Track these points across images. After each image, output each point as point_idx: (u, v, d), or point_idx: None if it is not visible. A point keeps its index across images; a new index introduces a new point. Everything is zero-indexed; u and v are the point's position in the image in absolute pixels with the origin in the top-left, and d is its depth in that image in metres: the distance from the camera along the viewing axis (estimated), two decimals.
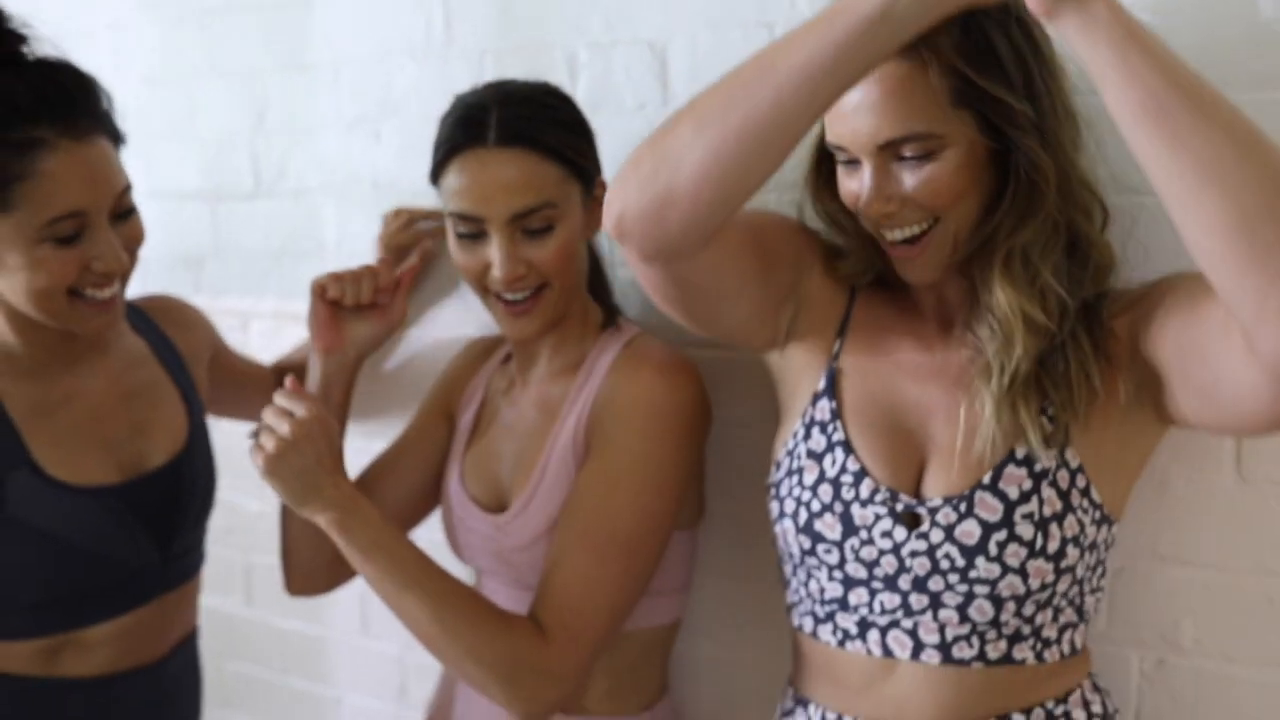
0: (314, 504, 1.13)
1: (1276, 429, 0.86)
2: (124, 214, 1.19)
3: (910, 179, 0.96)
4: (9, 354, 1.22)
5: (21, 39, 1.17)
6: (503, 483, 1.27)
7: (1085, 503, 0.98)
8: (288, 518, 1.35)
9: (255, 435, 1.14)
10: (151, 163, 1.84)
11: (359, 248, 1.65)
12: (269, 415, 1.13)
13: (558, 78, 1.38)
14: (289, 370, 1.52)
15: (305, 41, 1.65)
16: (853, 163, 0.99)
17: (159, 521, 1.28)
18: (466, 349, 1.44)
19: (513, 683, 1.09)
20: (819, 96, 0.87)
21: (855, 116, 0.95)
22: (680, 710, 1.39)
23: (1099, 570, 1.03)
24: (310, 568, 1.36)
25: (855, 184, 0.99)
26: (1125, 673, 1.17)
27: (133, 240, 1.21)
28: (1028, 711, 1.02)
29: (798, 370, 1.11)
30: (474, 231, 1.18)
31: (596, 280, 1.31)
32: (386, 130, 1.60)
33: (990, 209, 0.97)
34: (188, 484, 1.31)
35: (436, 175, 1.22)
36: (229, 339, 1.62)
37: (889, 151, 0.95)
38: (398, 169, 1.59)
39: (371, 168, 1.62)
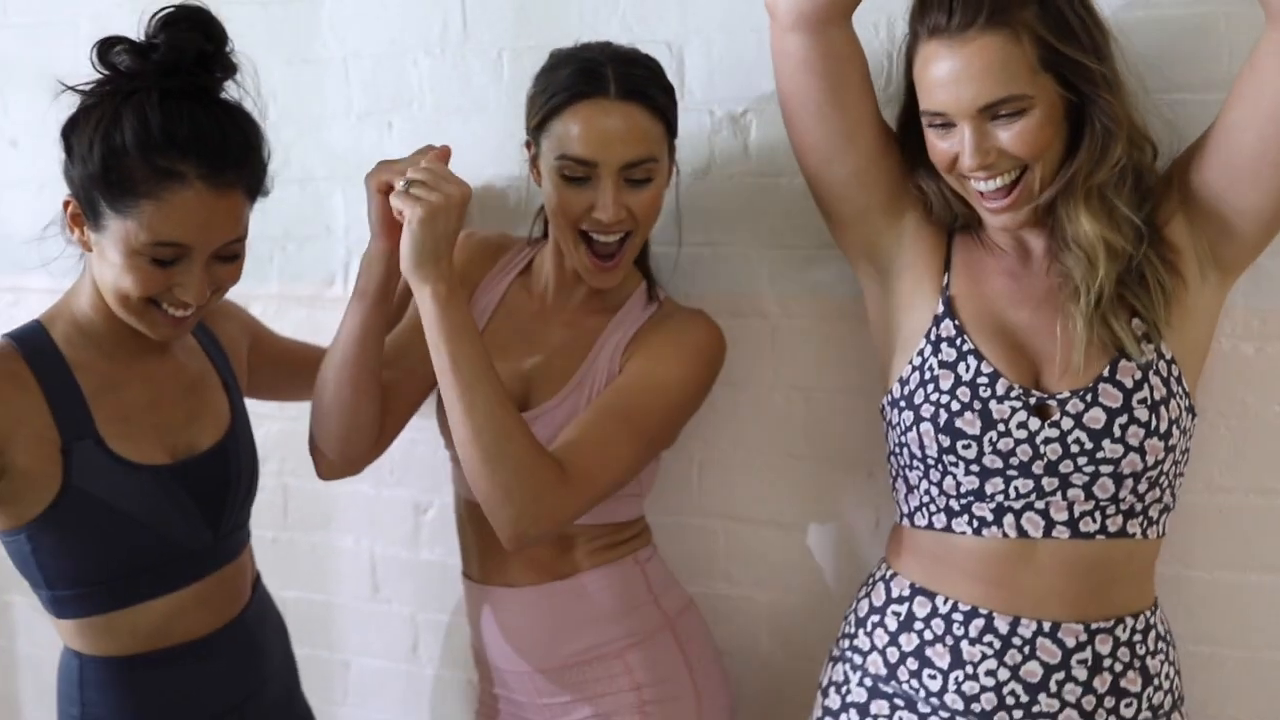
0: (431, 269, 1.21)
1: None
2: (228, 257, 1.26)
3: (1005, 134, 1.14)
4: (90, 331, 1.29)
5: (229, 73, 1.25)
6: (519, 385, 1.40)
7: (1179, 390, 1.18)
8: (347, 388, 1.36)
9: (408, 185, 1.21)
10: None
11: (367, 232, 1.75)
12: (429, 175, 1.22)
13: None
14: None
15: (313, 36, 1.73)
16: (946, 126, 1.16)
17: (210, 501, 1.35)
18: (470, 246, 1.51)
19: (528, 500, 1.22)
20: None
21: (956, 85, 1.13)
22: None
23: (1185, 457, 1.23)
24: (359, 450, 1.41)
25: (948, 144, 1.17)
26: None
27: (227, 280, 1.28)
28: (1136, 615, 1.22)
29: (907, 298, 1.28)
30: (582, 175, 1.30)
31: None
32: (399, 120, 1.70)
33: (1066, 157, 1.16)
34: (234, 465, 1.39)
35: (546, 120, 1.32)
36: None
37: (986, 113, 1.14)
38: None
39: (383, 155, 1.71)
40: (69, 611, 1.30)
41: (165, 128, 1.18)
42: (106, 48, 1.22)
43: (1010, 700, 1.20)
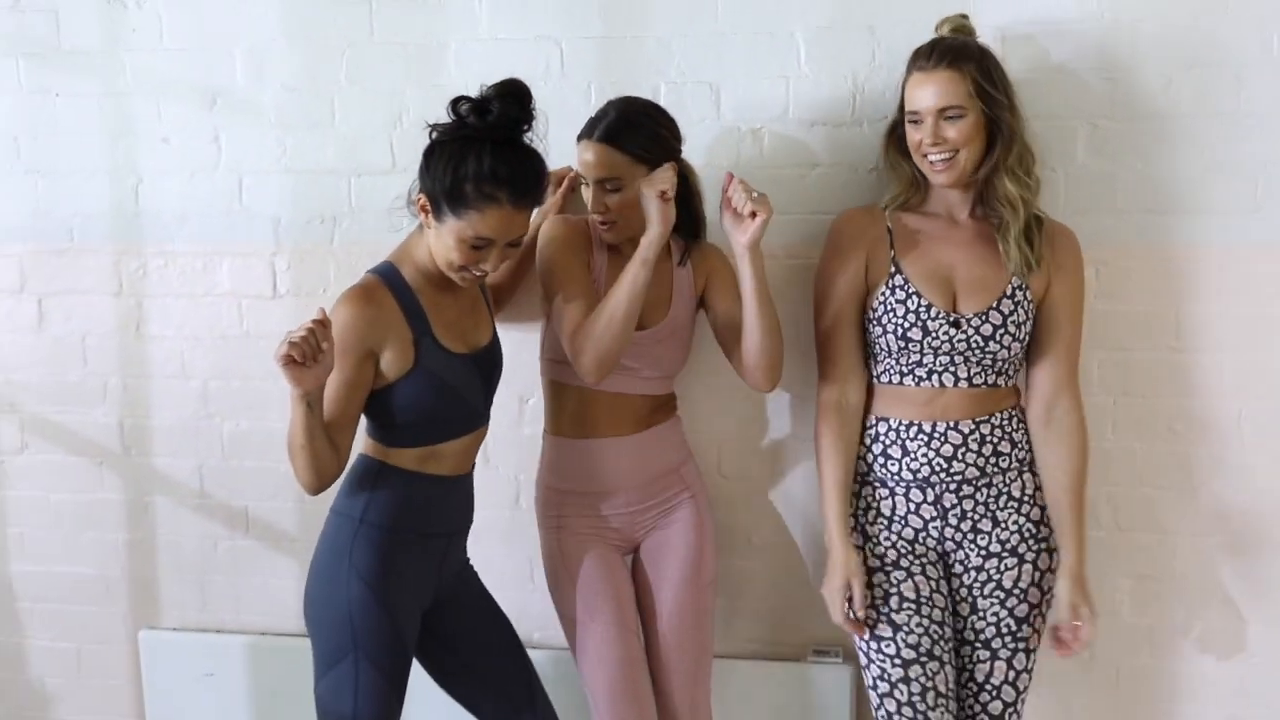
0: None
1: None
2: (515, 244, 1.97)
3: (949, 128, 2.02)
4: (425, 272, 2.00)
5: (531, 125, 1.93)
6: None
7: (1031, 314, 2.11)
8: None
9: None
10: (289, 147, 2.52)
11: None
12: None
13: None
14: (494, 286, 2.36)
15: (441, 69, 2.43)
16: (918, 122, 2.04)
17: (487, 378, 2.10)
18: (575, 227, 2.21)
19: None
20: None
21: (928, 95, 2.01)
22: None
23: (1028, 342, 2.16)
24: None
25: (919, 134, 2.05)
26: None
27: (510, 256, 2.00)
28: (1001, 413, 2.14)
29: (873, 268, 2.16)
30: (587, 183, 2.13)
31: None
32: None
33: (986, 152, 2.05)
34: (498, 356, 2.13)
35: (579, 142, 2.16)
36: (360, 269, 2.41)
37: (940, 114, 2.02)
38: None
39: None
40: (398, 441, 2.02)
41: (493, 168, 1.88)
42: (456, 103, 1.92)
43: (937, 468, 2.12)
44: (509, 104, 1.92)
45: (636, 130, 2.12)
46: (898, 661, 2.10)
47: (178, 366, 2.65)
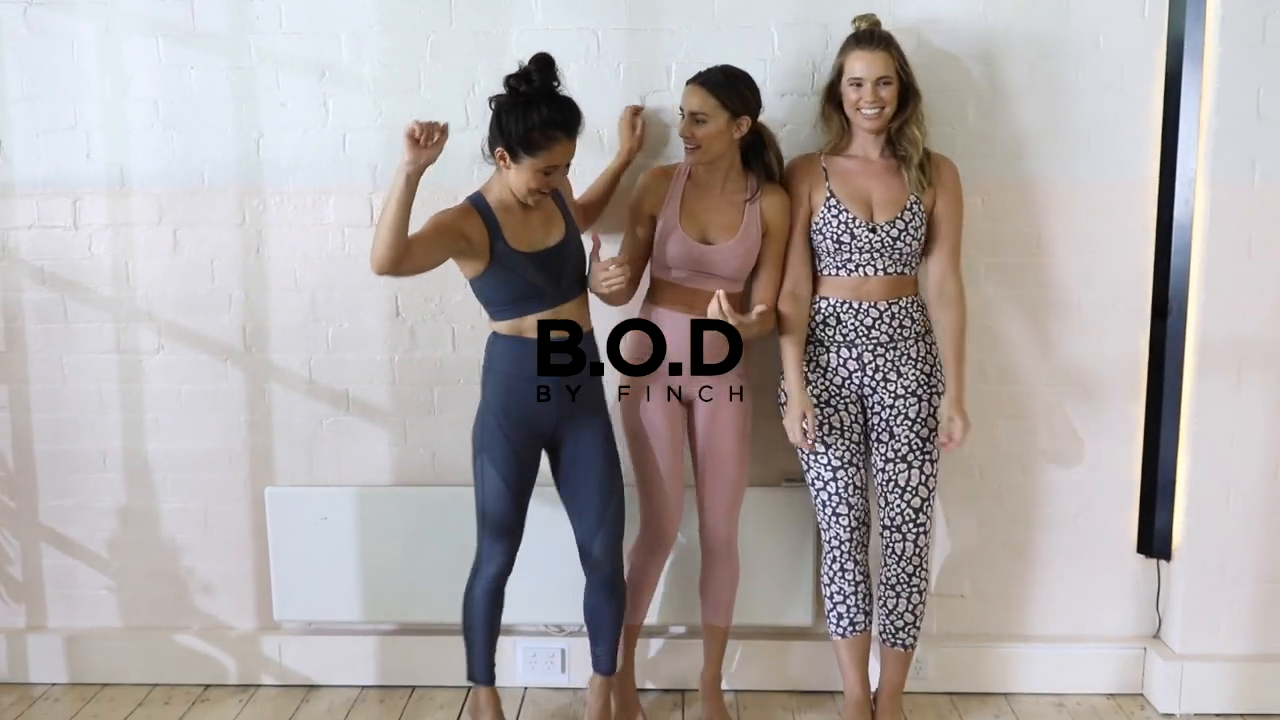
0: None
1: None
2: (565, 167, 2.78)
3: (882, 91, 2.92)
4: (503, 198, 2.81)
5: (560, 80, 2.72)
6: (709, 231, 3.02)
7: (924, 219, 3.02)
8: None
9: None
10: (383, 110, 3.28)
11: None
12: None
13: (659, 79, 3.18)
14: (589, 204, 3.19)
15: (504, 51, 3.21)
16: (859, 85, 2.93)
17: (551, 269, 2.88)
18: (651, 177, 3.06)
19: None
20: None
21: (868, 67, 2.90)
22: None
23: (925, 242, 3.09)
24: None
25: (857, 94, 2.94)
26: None
27: (565, 176, 2.82)
28: (906, 297, 3.05)
29: (814, 196, 3.04)
30: (684, 116, 2.95)
31: (752, 157, 3.07)
32: None
33: (900, 108, 2.96)
34: (568, 254, 2.92)
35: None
36: (440, 205, 3.18)
37: (877, 81, 2.91)
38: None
39: None
40: (498, 316, 2.86)
41: (549, 116, 2.68)
42: (508, 78, 2.71)
43: (861, 334, 3.04)
44: (545, 71, 2.72)
45: (725, 84, 2.92)
46: (829, 467, 3.07)
47: (291, 281, 3.39)
